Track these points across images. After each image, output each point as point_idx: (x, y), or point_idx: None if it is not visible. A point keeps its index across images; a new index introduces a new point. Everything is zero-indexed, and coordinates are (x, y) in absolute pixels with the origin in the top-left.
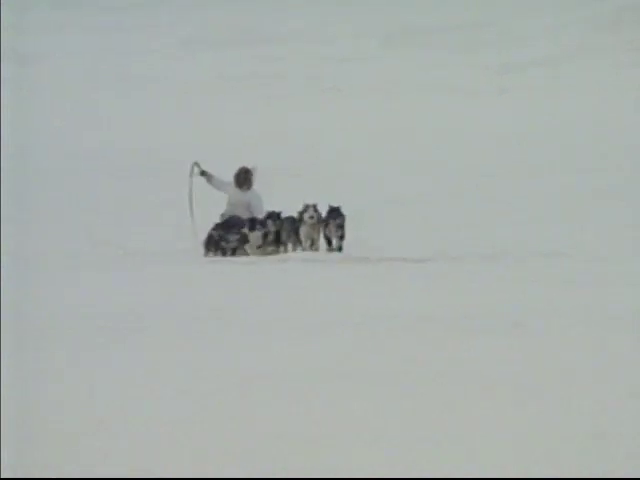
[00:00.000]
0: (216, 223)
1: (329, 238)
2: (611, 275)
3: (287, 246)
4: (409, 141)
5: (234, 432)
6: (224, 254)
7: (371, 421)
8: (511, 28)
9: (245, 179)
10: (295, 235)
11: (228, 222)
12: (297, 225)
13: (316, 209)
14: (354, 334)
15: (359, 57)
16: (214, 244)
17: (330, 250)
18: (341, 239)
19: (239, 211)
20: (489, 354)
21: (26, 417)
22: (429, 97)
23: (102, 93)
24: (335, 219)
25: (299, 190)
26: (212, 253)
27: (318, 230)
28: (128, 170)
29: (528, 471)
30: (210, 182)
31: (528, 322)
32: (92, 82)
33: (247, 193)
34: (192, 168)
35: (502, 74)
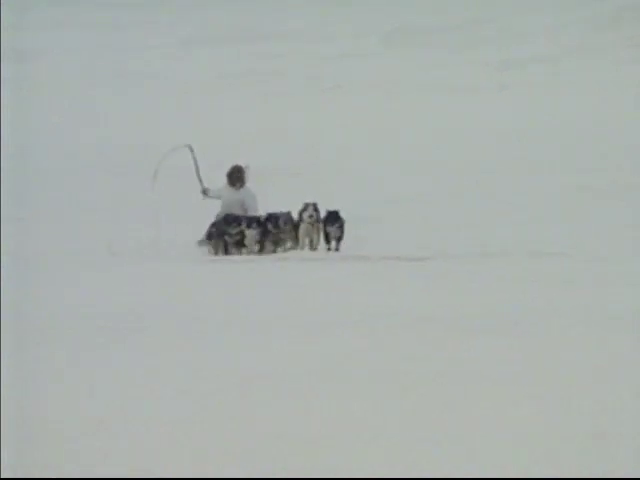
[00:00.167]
0: (213, 222)
1: (328, 240)
2: (611, 275)
3: (286, 245)
4: (409, 139)
5: (234, 432)
6: (227, 250)
7: (371, 420)
8: (511, 25)
9: (238, 177)
10: (294, 234)
11: (226, 219)
12: (296, 224)
13: (316, 208)
14: (354, 333)
15: (359, 55)
16: (216, 238)
17: (329, 250)
18: (339, 241)
19: (234, 210)
20: (489, 354)
21: (26, 417)
22: (429, 95)
23: (100, 90)
24: (333, 223)
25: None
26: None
27: (317, 230)
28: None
29: (528, 471)
30: (208, 195)
31: (528, 322)
32: (90, 79)
33: (240, 191)
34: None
35: (502, 71)
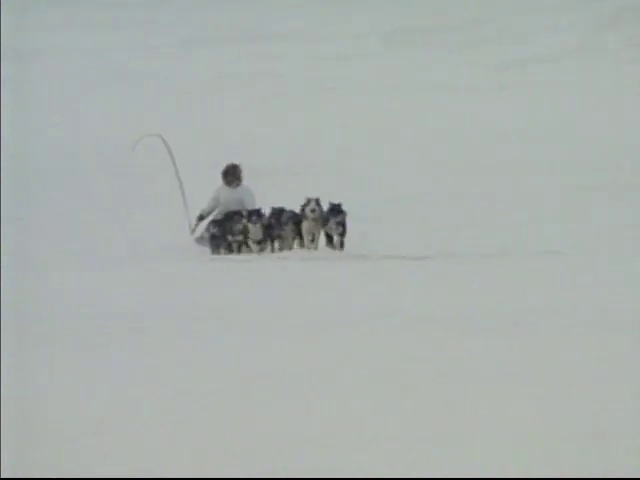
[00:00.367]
0: (212, 221)
1: (330, 235)
2: (611, 275)
3: (289, 241)
4: (409, 139)
5: (234, 432)
6: (231, 250)
7: (371, 420)
8: (511, 25)
9: (234, 175)
10: (297, 230)
11: (227, 216)
12: (299, 219)
13: (318, 203)
14: (354, 332)
15: (359, 55)
16: (220, 239)
17: (331, 247)
18: (342, 235)
19: (232, 209)
20: (489, 354)
21: (26, 417)
22: (429, 95)
23: (100, 90)
24: (336, 216)
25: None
26: (219, 250)
27: (319, 226)
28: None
29: (528, 471)
30: (206, 214)
31: (528, 322)
32: (90, 79)
33: (237, 190)
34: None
35: (502, 70)
